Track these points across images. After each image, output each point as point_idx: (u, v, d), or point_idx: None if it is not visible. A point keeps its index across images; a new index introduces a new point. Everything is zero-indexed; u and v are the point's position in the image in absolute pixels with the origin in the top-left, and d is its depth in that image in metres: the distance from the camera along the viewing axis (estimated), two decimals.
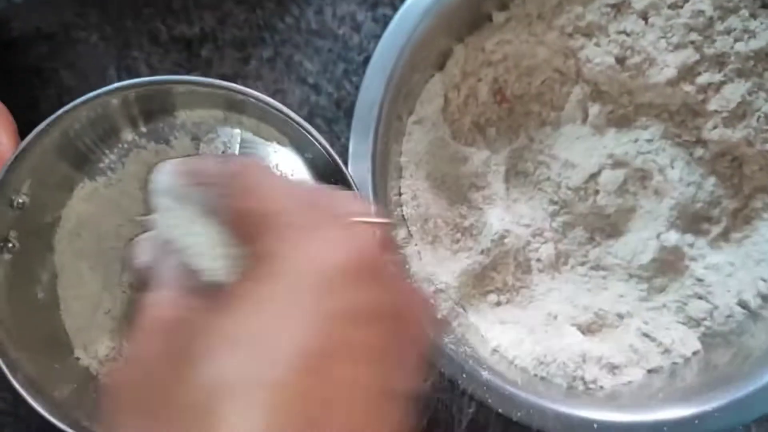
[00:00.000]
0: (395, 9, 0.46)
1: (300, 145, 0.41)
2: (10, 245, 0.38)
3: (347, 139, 0.49)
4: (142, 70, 0.50)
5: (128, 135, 0.43)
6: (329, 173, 0.38)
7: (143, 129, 0.43)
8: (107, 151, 0.42)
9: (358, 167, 0.39)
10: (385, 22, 0.48)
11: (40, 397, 0.36)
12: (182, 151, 0.42)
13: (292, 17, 0.50)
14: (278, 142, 0.42)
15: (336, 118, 0.49)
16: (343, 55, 0.50)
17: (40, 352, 0.38)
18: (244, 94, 0.36)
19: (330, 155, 0.37)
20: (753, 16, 0.41)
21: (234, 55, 0.50)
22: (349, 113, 0.49)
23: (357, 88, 0.49)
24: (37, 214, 0.40)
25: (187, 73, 0.50)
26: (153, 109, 0.42)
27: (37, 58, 0.50)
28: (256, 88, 0.49)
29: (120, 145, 0.43)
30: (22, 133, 0.50)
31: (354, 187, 0.36)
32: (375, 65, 0.40)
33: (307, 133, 0.37)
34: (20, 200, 0.38)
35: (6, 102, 0.49)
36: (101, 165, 0.42)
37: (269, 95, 0.49)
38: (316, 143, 0.37)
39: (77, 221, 0.42)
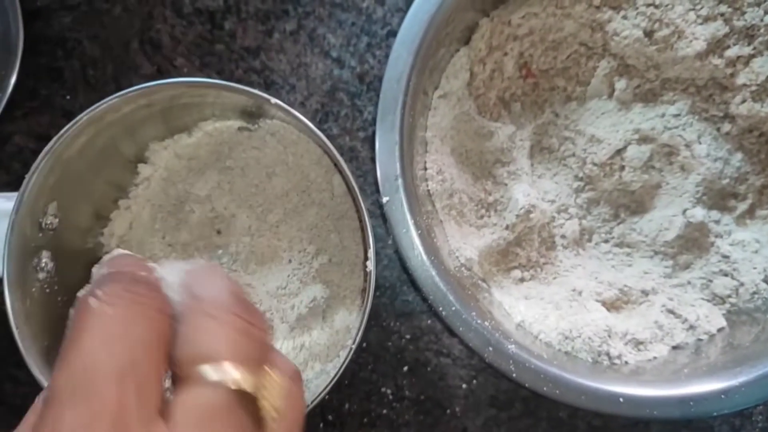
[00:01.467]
0: None
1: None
2: (43, 264, 0.37)
3: (370, 112, 0.49)
4: (165, 42, 0.50)
5: (157, 149, 0.42)
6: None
7: (169, 141, 0.42)
8: (137, 169, 0.41)
9: (385, 140, 0.39)
10: None
11: None
12: (206, 167, 0.41)
13: None
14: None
15: (359, 92, 0.49)
16: (366, 28, 0.49)
17: None
18: (263, 99, 0.35)
19: (339, 165, 0.36)
20: None
21: (257, 27, 0.50)
22: (372, 87, 0.49)
23: (380, 62, 0.49)
24: (74, 238, 0.40)
25: (210, 44, 0.50)
26: (176, 121, 0.41)
27: (61, 29, 0.50)
28: (279, 62, 0.49)
29: (149, 163, 0.42)
30: (48, 107, 0.50)
31: (362, 210, 0.35)
32: (402, 38, 0.40)
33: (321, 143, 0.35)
34: (48, 221, 0.37)
35: (30, 72, 0.49)
36: (135, 183, 0.42)
37: (292, 68, 0.49)
38: (321, 147, 0.36)
39: (119, 246, 0.41)
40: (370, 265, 0.34)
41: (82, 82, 0.50)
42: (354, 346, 0.33)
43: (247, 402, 0.22)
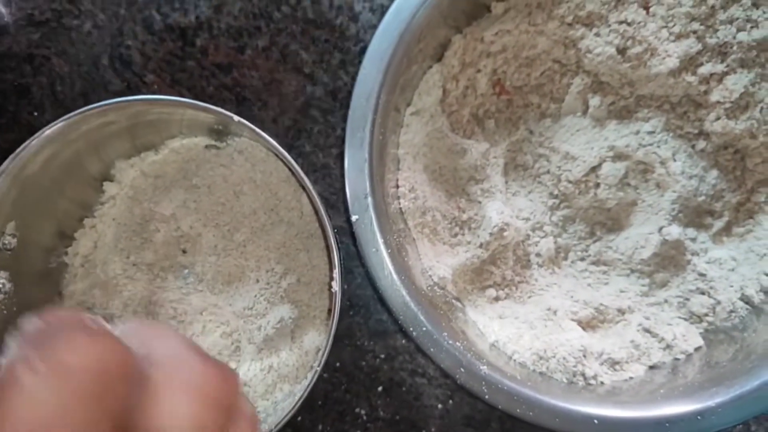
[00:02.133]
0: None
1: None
2: (1, 286, 0.36)
3: (342, 129, 0.48)
4: (136, 58, 0.49)
5: (123, 167, 0.41)
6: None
7: (135, 159, 0.41)
8: (103, 189, 0.41)
9: (354, 158, 0.38)
10: (383, 12, 0.47)
11: None
12: (173, 185, 0.40)
13: (288, 6, 0.49)
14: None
15: (332, 108, 0.49)
16: (339, 45, 0.49)
17: None
18: (227, 117, 0.34)
19: (305, 185, 0.35)
20: (755, 5, 0.40)
21: (229, 44, 0.49)
22: (345, 104, 0.48)
23: (353, 78, 0.48)
24: (35, 259, 0.39)
25: (182, 61, 0.49)
26: (142, 138, 0.40)
27: (29, 45, 0.49)
28: (251, 78, 0.49)
29: (115, 181, 0.41)
30: (15, 124, 0.49)
31: (328, 230, 0.34)
32: (372, 55, 0.40)
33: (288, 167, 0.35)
34: (5, 241, 0.36)
35: None
36: (100, 201, 0.41)
37: (264, 85, 0.49)
38: (287, 166, 0.35)
39: (82, 268, 0.40)
40: (335, 285, 0.33)
41: (50, 98, 0.49)
42: (319, 369, 0.32)
43: None
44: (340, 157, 0.48)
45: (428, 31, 0.42)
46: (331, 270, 0.34)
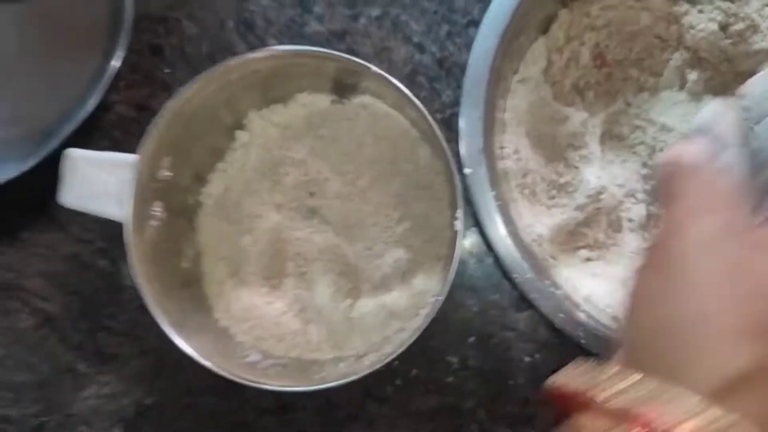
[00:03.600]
0: None
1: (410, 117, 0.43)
2: (156, 212, 0.41)
3: (448, 96, 0.52)
4: (259, 23, 0.53)
5: (254, 118, 0.45)
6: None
7: (265, 111, 0.45)
8: (235, 135, 0.45)
9: (470, 115, 0.42)
10: None
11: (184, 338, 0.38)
12: (300, 134, 0.45)
13: None
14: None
15: (438, 76, 0.52)
16: (447, 17, 0.52)
17: (184, 309, 0.41)
18: (363, 67, 0.38)
19: (437, 138, 0.38)
20: None
21: (344, 12, 0.53)
22: (450, 73, 0.52)
23: (459, 49, 0.52)
24: (180, 194, 0.43)
25: (300, 27, 0.53)
26: (272, 92, 0.45)
27: (162, 8, 0.54)
28: (363, 45, 0.52)
29: (246, 130, 0.45)
30: (149, 80, 0.54)
31: (453, 170, 0.37)
32: (489, 21, 0.43)
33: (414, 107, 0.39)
34: (163, 174, 0.41)
35: (133, 48, 0.53)
36: (232, 148, 0.45)
37: (375, 52, 0.52)
38: (418, 112, 0.39)
39: (215, 206, 0.45)
40: (459, 224, 0.36)
41: (181, 57, 0.54)
42: (442, 298, 0.36)
43: None
44: (445, 122, 0.52)
45: (537, 4, 0.45)
46: (454, 210, 0.37)
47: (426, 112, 0.37)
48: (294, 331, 0.42)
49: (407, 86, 0.52)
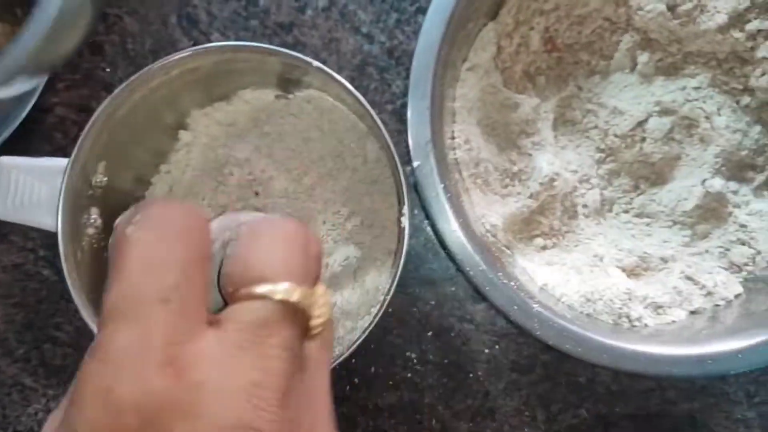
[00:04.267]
0: None
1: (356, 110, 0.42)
2: (92, 220, 0.39)
3: (398, 86, 0.51)
4: (202, 17, 0.52)
5: (197, 116, 0.44)
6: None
7: (209, 109, 0.44)
8: (178, 135, 0.43)
9: (417, 107, 0.41)
10: None
11: None
12: (245, 132, 0.43)
13: None
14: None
15: (388, 66, 0.51)
16: (396, 5, 0.51)
17: None
18: (305, 62, 0.36)
19: (375, 124, 0.37)
20: None
21: (291, 4, 0.51)
22: (400, 62, 0.51)
23: (408, 38, 0.51)
24: (121, 199, 0.41)
25: (246, 20, 0.51)
26: (215, 90, 0.43)
27: (101, 5, 0.52)
28: (311, 37, 0.51)
29: (189, 129, 0.44)
30: (89, 80, 0.52)
31: (398, 167, 0.36)
32: (435, 9, 0.42)
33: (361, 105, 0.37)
34: (98, 180, 0.39)
35: None
36: (175, 149, 0.44)
37: (323, 44, 0.51)
38: (362, 106, 0.38)
39: None
40: (405, 221, 0.36)
41: (122, 55, 0.52)
42: (388, 297, 0.35)
43: (297, 314, 0.23)
44: (395, 113, 0.51)
45: None
46: (400, 206, 0.37)
47: (369, 107, 0.36)
48: None
49: (357, 77, 0.51)
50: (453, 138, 0.45)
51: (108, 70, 0.52)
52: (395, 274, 0.35)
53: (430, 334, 0.50)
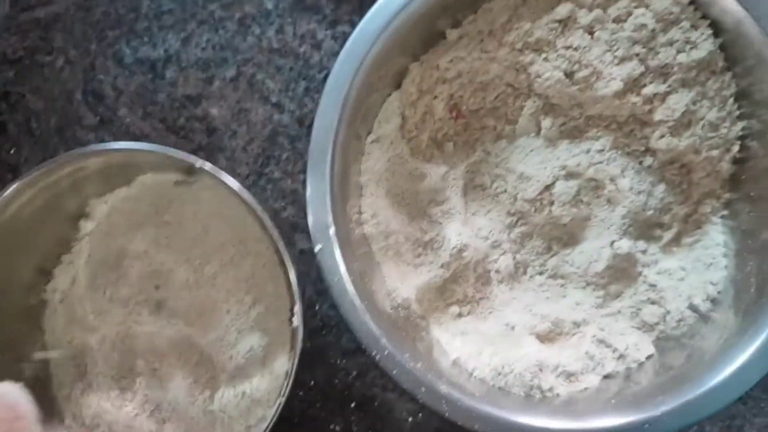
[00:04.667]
0: (354, 26, 0.47)
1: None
2: None
3: None
4: (108, 92, 0.51)
5: (97, 204, 0.43)
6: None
7: (109, 196, 0.43)
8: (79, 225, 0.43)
9: (316, 190, 0.40)
10: (344, 39, 0.49)
11: None
12: (145, 221, 0.43)
13: (253, 37, 0.51)
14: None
15: (298, 135, 0.51)
16: (304, 73, 0.51)
17: None
18: (189, 162, 0.36)
19: (269, 234, 0.38)
20: (694, 27, 0.42)
21: (198, 75, 0.51)
22: (311, 130, 0.50)
23: (318, 105, 0.50)
24: (20, 294, 0.41)
25: (153, 94, 0.51)
26: (116, 177, 0.43)
27: (4, 83, 0.51)
28: (220, 108, 0.51)
29: (90, 218, 0.43)
30: None
31: (289, 266, 0.37)
32: (330, 89, 0.41)
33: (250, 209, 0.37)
34: None
35: None
36: (77, 238, 0.43)
37: (233, 114, 0.51)
38: (258, 221, 0.37)
39: (61, 303, 0.42)
40: (296, 320, 0.35)
41: (27, 135, 0.51)
42: (283, 400, 0.35)
43: None
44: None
45: (386, 60, 0.44)
46: (292, 304, 0.36)
47: (257, 206, 0.35)
48: None
49: (268, 147, 0.51)
50: (361, 213, 0.45)
51: (12, 151, 0.51)
52: (290, 373, 0.35)
53: (353, 405, 0.49)
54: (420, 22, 0.44)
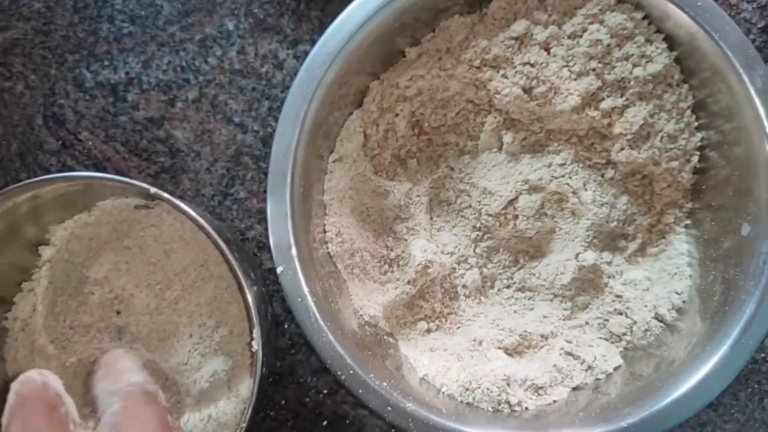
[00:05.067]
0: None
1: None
2: None
3: None
4: (69, 116, 0.50)
5: (57, 230, 0.43)
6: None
7: (69, 222, 0.43)
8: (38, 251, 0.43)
9: (276, 212, 0.40)
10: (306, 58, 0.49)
11: None
12: (106, 246, 0.43)
13: (215, 57, 0.51)
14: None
15: (262, 155, 0.50)
16: (267, 92, 0.51)
17: None
18: (158, 197, 0.36)
19: (227, 259, 0.38)
20: (648, 41, 0.43)
21: (159, 97, 0.51)
22: None
23: None
24: None
25: (114, 117, 0.50)
26: (75, 203, 0.42)
27: None
28: (183, 130, 0.50)
29: (50, 244, 0.43)
30: None
31: (245, 292, 0.37)
32: (287, 112, 0.41)
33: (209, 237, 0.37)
34: None
35: None
36: (37, 265, 0.43)
37: (196, 136, 0.50)
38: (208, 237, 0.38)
39: (22, 332, 0.42)
40: (255, 344, 0.35)
41: None
42: (245, 425, 0.34)
43: None
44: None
45: (346, 79, 0.44)
46: (250, 330, 0.36)
47: (211, 231, 0.35)
48: None
49: (233, 167, 0.51)
50: (325, 232, 0.45)
51: None
52: (251, 400, 0.35)
53: (325, 423, 0.49)
54: (379, 40, 0.44)
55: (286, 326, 0.49)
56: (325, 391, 0.49)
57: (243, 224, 0.50)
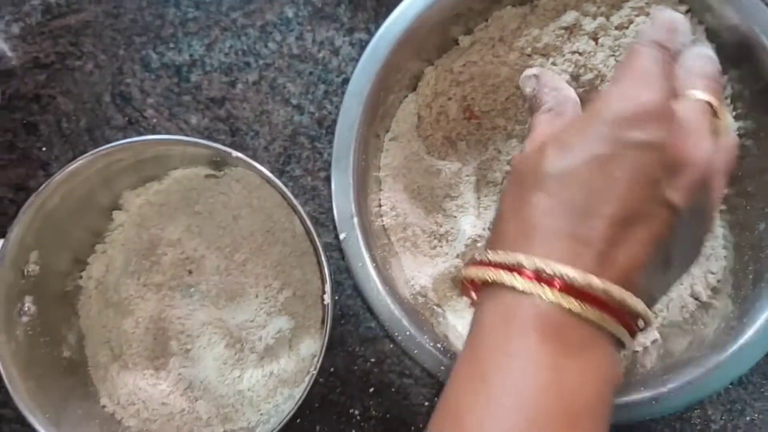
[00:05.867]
0: (370, 34, 0.51)
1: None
2: (26, 309, 0.40)
3: (329, 154, 0.53)
4: (135, 95, 0.53)
5: (129, 197, 0.45)
6: None
7: (141, 189, 0.45)
8: (112, 216, 0.45)
9: (340, 182, 0.43)
10: (361, 46, 0.52)
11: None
12: (177, 211, 0.45)
13: (274, 43, 0.54)
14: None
15: (318, 135, 0.53)
16: (323, 77, 0.53)
17: (66, 399, 0.41)
18: (225, 152, 0.39)
19: (296, 209, 0.40)
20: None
21: (221, 79, 0.53)
22: (330, 131, 0.53)
23: (337, 107, 0.53)
24: (55, 283, 0.43)
25: (178, 96, 0.53)
26: (147, 171, 0.45)
27: (36, 86, 0.54)
28: (243, 110, 0.53)
29: (123, 210, 0.45)
30: (25, 159, 0.53)
31: (318, 248, 0.39)
32: (352, 89, 0.44)
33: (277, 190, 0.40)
34: (30, 269, 0.41)
35: (7, 126, 0.52)
36: (110, 229, 0.45)
37: (255, 116, 0.53)
38: (281, 194, 0.40)
39: (96, 289, 0.44)
40: (327, 298, 0.37)
41: (57, 134, 0.53)
42: (315, 372, 0.37)
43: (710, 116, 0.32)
44: (328, 179, 0.53)
45: (403, 65, 0.47)
46: (323, 284, 0.38)
47: (288, 192, 0.38)
48: (182, 410, 0.42)
49: (289, 146, 0.53)
50: (380, 206, 0.47)
51: (44, 149, 0.53)
52: (321, 352, 0.37)
53: (371, 390, 0.51)
54: (435, 29, 0.47)
55: (336, 298, 0.52)
56: (372, 360, 0.51)
57: (297, 200, 0.52)
